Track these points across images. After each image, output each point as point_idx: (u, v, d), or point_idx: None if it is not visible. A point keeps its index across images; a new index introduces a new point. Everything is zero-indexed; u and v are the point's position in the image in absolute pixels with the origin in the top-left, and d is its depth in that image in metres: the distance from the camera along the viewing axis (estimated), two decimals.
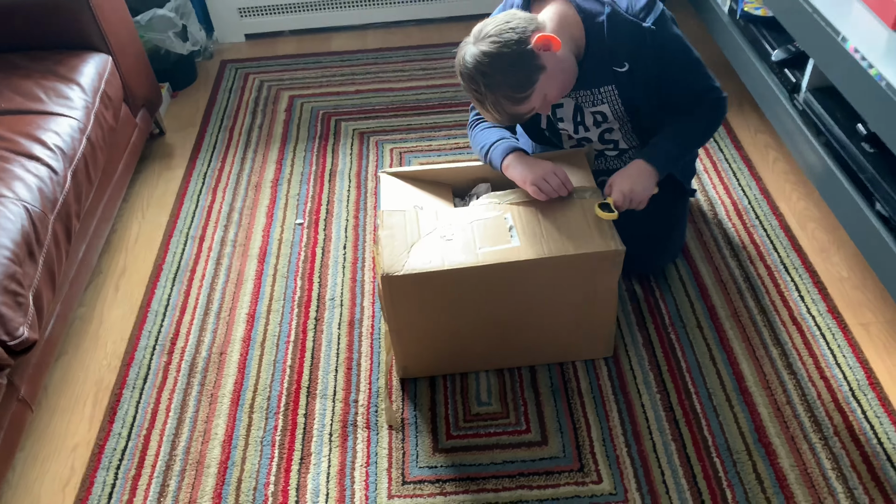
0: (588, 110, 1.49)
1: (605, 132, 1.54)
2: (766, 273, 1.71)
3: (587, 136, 1.56)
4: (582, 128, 1.54)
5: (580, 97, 1.48)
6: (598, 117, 1.50)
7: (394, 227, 1.40)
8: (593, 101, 1.47)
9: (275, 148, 2.20)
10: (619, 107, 1.48)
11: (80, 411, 1.55)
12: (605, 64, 1.41)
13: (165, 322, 1.71)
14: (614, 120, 1.51)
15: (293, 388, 1.55)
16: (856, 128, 1.53)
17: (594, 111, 1.49)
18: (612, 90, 1.45)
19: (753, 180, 1.96)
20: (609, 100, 1.47)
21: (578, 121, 1.52)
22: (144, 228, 1.97)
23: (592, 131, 1.54)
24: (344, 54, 2.62)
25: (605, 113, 1.49)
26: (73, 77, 1.77)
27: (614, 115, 1.49)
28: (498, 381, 1.53)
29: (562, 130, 1.58)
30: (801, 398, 1.45)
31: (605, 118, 1.50)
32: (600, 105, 1.48)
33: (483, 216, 1.41)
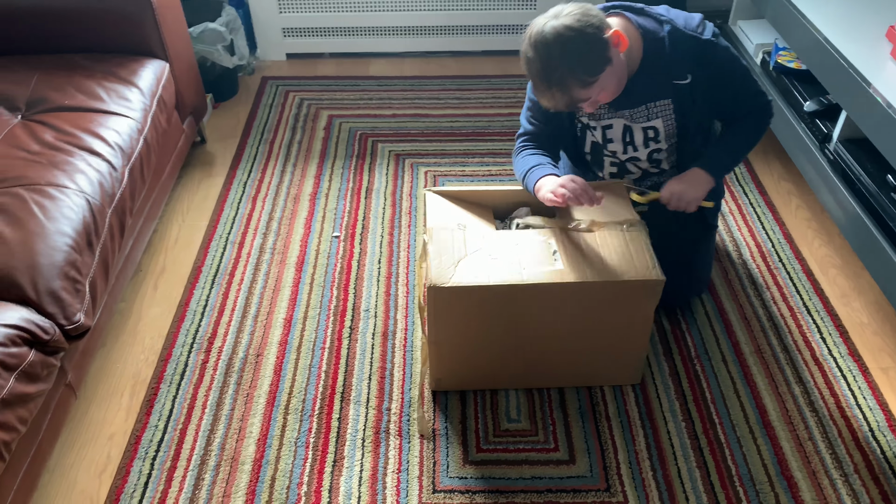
0: (640, 126, 1.54)
1: (654, 152, 1.59)
2: (789, 314, 1.76)
3: (635, 155, 1.60)
4: (631, 147, 1.58)
5: (633, 115, 1.52)
6: (650, 133, 1.55)
7: (442, 243, 1.46)
8: (647, 115, 1.52)
9: (313, 163, 2.27)
10: (672, 122, 1.53)
11: (117, 402, 1.58)
12: (665, 78, 1.47)
13: (203, 322, 1.75)
14: (664, 138, 1.56)
15: (328, 392, 1.58)
16: (886, 178, 1.60)
17: (647, 126, 1.54)
18: (667, 105, 1.51)
19: (777, 225, 2.02)
20: (664, 114, 1.52)
21: (628, 141, 1.57)
22: (184, 231, 2.03)
23: (641, 151, 1.59)
24: (381, 79, 2.71)
25: (657, 129, 1.54)
26: (133, 80, 1.84)
27: (665, 132, 1.55)
28: (527, 400, 1.57)
29: (607, 154, 1.63)
30: (823, 435, 1.50)
31: (656, 135, 1.55)
32: (654, 120, 1.53)
33: (528, 239, 1.47)
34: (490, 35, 2.81)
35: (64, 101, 1.74)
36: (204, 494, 1.40)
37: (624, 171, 1.66)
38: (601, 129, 1.58)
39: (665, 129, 1.55)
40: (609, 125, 1.57)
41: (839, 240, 1.97)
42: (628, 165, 1.64)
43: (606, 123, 1.56)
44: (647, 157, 1.61)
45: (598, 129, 1.58)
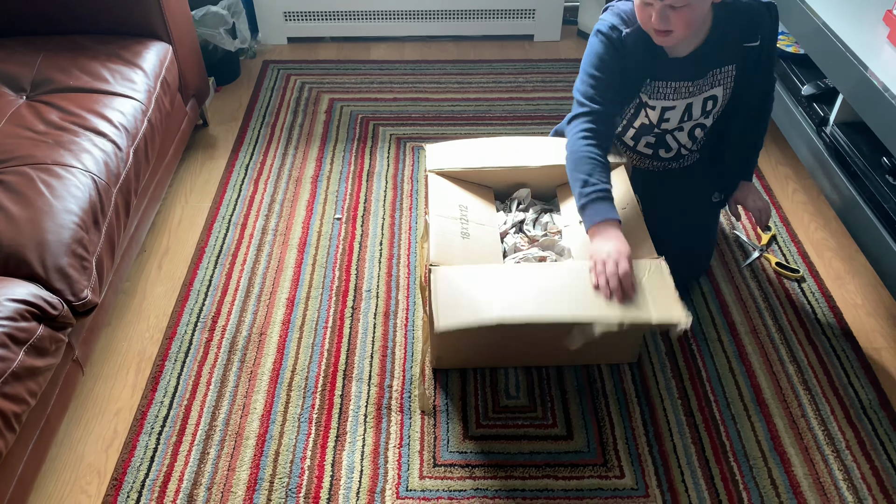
0: (702, 97, 1.53)
1: (697, 128, 1.61)
2: (784, 295, 1.79)
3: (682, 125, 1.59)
4: (687, 115, 1.57)
5: (699, 85, 1.51)
6: (709, 104, 1.55)
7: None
8: (711, 83, 1.52)
9: (315, 146, 2.29)
10: (729, 91, 1.54)
11: (123, 378, 1.61)
12: (734, 41, 1.47)
13: (207, 301, 1.77)
14: (719, 108, 1.57)
15: (330, 370, 1.61)
16: (881, 161, 1.62)
17: (708, 96, 1.53)
18: (730, 71, 1.51)
19: (774, 209, 2.05)
20: (725, 82, 1.52)
21: (686, 119, 1.58)
22: (188, 213, 2.05)
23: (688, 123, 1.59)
24: (382, 63, 2.72)
25: (717, 97, 1.54)
26: (137, 62, 1.85)
27: (722, 101, 1.55)
28: (526, 378, 1.60)
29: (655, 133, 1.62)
30: (816, 412, 1.53)
31: (714, 104, 1.55)
32: (716, 88, 1.52)
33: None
34: (490, 20, 2.82)
35: (69, 81, 1.75)
36: (209, 468, 1.43)
37: (662, 144, 1.65)
38: (660, 110, 1.55)
39: (722, 100, 1.55)
40: (671, 106, 1.54)
41: (835, 223, 1.99)
42: (667, 139, 1.63)
43: (669, 105, 1.54)
44: (688, 132, 1.61)
45: (656, 109, 1.55)
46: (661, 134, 1.63)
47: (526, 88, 2.58)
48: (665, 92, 1.52)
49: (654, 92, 1.53)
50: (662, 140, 1.64)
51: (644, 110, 1.58)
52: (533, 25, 2.85)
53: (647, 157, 1.70)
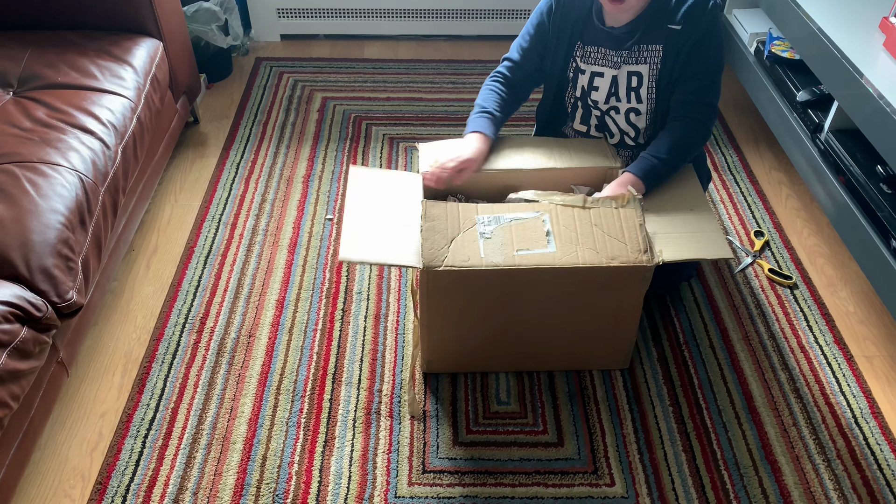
0: (626, 70, 1.54)
1: (632, 112, 1.59)
2: (777, 302, 1.78)
3: (616, 105, 1.60)
4: (614, 98, 1.59)
5: (627, 56, 1.53)
6: (634, 81, 1.55)
7: (435, 219, 1.46)
8: (637, 58, 1.53)
9: (307, 145, 2.27)
10: (655, 73, 1.53)
11: (109, 380, 1.59)
12: (662, 20, 1.48)
13: (196, 302, 1.75)
14: (645, 91, 1.56)
15: (319, 373, 1.59)
16: (875, 169, 1.62)
17: (633, 71, 1.54)
18: (658, 50, 1.51)
19: (767, 214, 2.04)
20: (651, 60, 1.52)
21: (612, 91, 1.58)
22: (177, 212, 2.02)
23: (622, 103, 1.59)
24: (376, 62, 2.70)
25: (641, 75, 1.54)
26: (127, 58, 1.83)
27: (647, 85, 1.55)
28: (517, 383, 1.59)
29: (590, 104, 1.63)
30: (807, 421, 1.52)
31: (639, 83, 1.55)
32: (641, 64, 1.53)
33: (522, 216, 1.47)
34: (485, 19, 2.81)
35: (57, 78, 1.73)
36: (195, 472, 1.41)
37: (604, 128, 1.66)
38: (590, 75, 1.59)
39: (648, 80, 1.55)
40: (600, 73, 1.58)
41: (828, 230, 1.99)
42: (608, 121, 1.64)
43: (598, 71, 1.58)
44: (625, 115, 1.61)
45: (587, 74, 1.59)
46: (601, 115, 1.65)
47: None
48: (594, 57, 1.58)
49: (585, 56, 1.59)
50: (604, 122, 1.66)
51: (580, 75, 1.62)
52: None
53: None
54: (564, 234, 1.44)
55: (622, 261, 1.40)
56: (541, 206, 1.49)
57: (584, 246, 1.42)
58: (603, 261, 1.40)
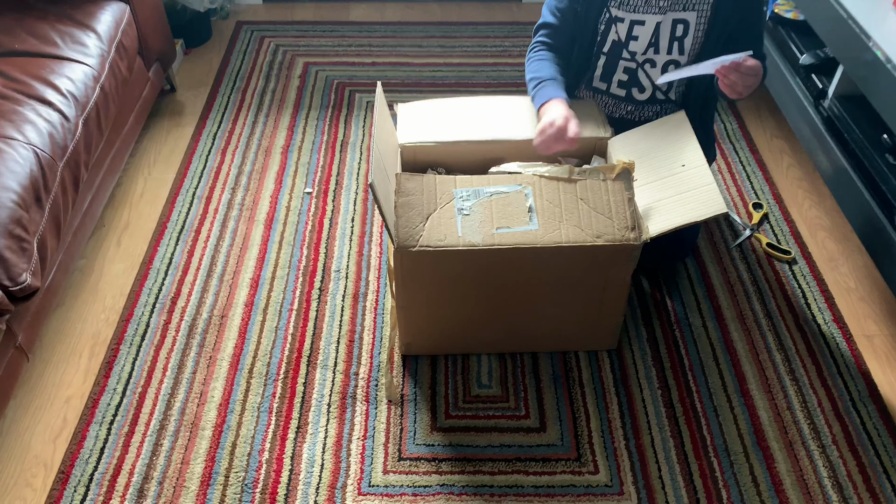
0: (672, 17, 1.44)
1: (670, 65, 1.50)
2: (774, 278, 1.70)
3: (654, 58, 1.50)
4: (653, 49, 1.48)
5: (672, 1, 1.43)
6: (679, 29, 1.45)
7: (411, 194, 1.37)
8: (685, 4, 1.42)
9: (287, 114, 2.17)
10: (704, 23, 1.43)
11: (75, 363, 1.53)
12: None
13: (167, 281, 1.68)
14: (689, 43, 1.46)
15: (294, 356, 1.53)
16: (881, 138, 1.52)
17: (679, 18, 1.44)
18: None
19: (767, 185, 1.95)
20: (700, 8, 1.42)
21: (653, 41, 1.48)
22: (150, 185, 1.94)
23: (661, 55, 1.49)
24: (362, 25, 2.59)
25: (688, 23, 1.44)
26: (90, 23, 1.73)
27: (693, 34, 1.45)
28: (499, 365, 1.52)
29: (625, 58, 1.52)
30: (802, 405, 1.45)
31: (685, 31, 1.45)
32: (689, 11, 1.43)
33: (503, 189, 1.38)
34: None
35: (14, 45, 1.63)
36: (162, 461, 1.36)
37: (635, 82, 1.55)
38: (629, 24, 1.48)
39: (694, 28, 1.45)
40: (641, 21, 1.46)
41: (830, 201, 1.90)
42: (640, 76, 1.53)
43: (638, 18, 1.46)
44: (662, 69, 1.51)
45: (625, 23, 1.48)
46: (633, 70, 1.54)
47: (512, 53, 2.45)
48: (634, 3, 1.45)
49: (623, 2, 1.46)
50: (635, 77, 1.54)
51: (614, 26, 1.50)
52: None
53: (620, 100, 1.59)
54: (548, 210, 1.36)
55: (608, 238, 1.32)
56: (523, 178, 1.41)
57: (569, 222, 1.34)
58: (587, 239, 1.32)
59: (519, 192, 1.38)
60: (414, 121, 1.60)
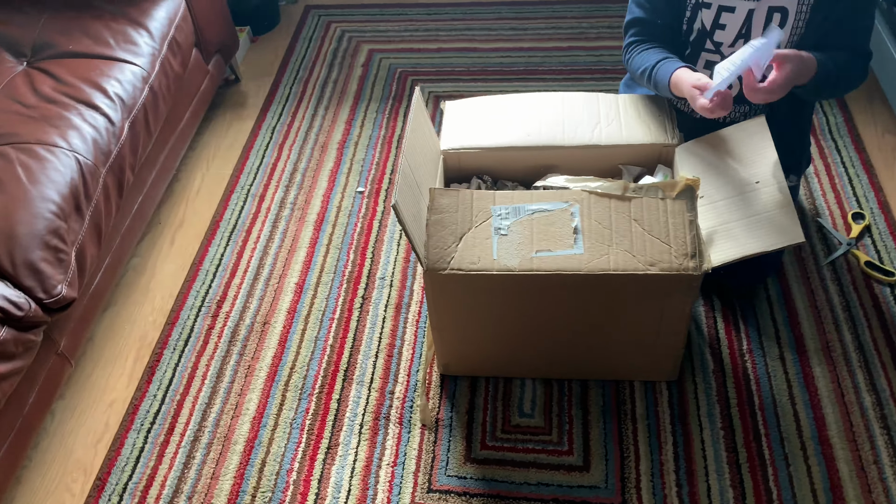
0: (768, 3, 1.27)
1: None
2: (871, 304, 1.48)
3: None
4: (742, 41, 1.31)
5: None
6: (776, 18, 1.28)
7: (444, 211, 1.27)
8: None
9: (346, 107, 2.10)
10: (805, 11, 1.26)
11: (121, 365, 1.54)
12: None
13: (215, 283, 1.67)
14: (788, 34, 1.29)
15: (331, 369, 1.48)
16: None
17: (776, 6, 1.27)
18: None
19: (872, 191, 1.70)
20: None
21: (743, 32, 1.31)
22: (207, 181, 1.93)
23: None
24: (431, 7, 2.47)
25: (787, 11, 1.27)
26: (143, 21, 1.71)
27: (792, 24, 1.28)
28: (544, 392, 1.41)
29: (708, 49, 1.37)
30: (892, 458, 1.26)
31: (783, 22, 1.28)
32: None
33: (547, 207, 1.26)
34: None
35: (69, 45, 1.64)
36: (192, 474, 1.35)
37: None
38: (717, 10, 1.32)
39: (793, 17, 1.27)
40: (731, 7, 1.30)
41: None
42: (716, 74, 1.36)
43: (728, 4, 1.30)
44: None
45: (712, 9, 1.32)
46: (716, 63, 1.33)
47: (589, 36, 2.27)
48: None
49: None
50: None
51: (699, 12, 1.34)
52: None
53: None
54: (596, 231, 1.22)
55: (662, 267, 1.17)
56: (571, 194, 1.27)
57: (619, 246, 1.20)
58: (639, 267, 1.18)
59: (564, 210, 1.25)
60: (460, 122, 1.49)
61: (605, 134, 1.41)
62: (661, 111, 1.43)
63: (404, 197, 1.18)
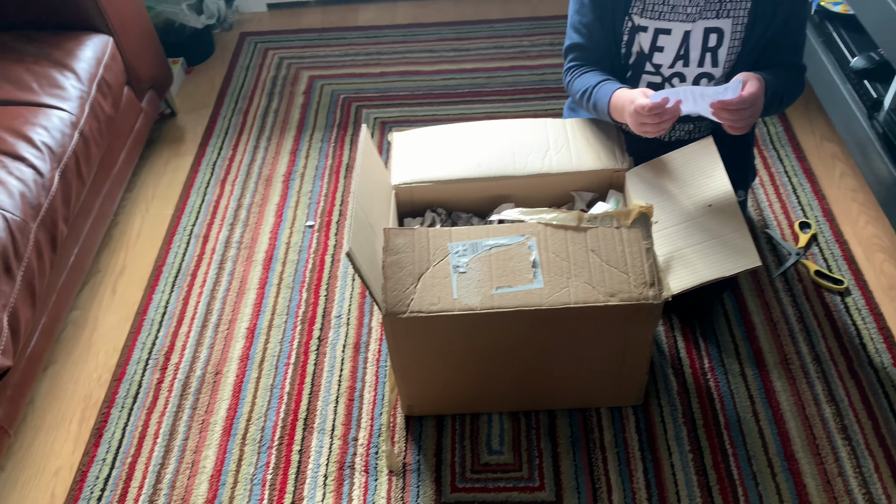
0: (704, 25, 1.28)
1: (703, 79, 1.33)
2: (824, 313, 1.51)
3: (683, 72, 1.34)
4: (682, 62, 1.32)
5: (705, 6, 1.27)
6: (712, 39, 1.29)
7: (400, 252, 1.24)
8: (718, 11, 1.27)
9: (289, 137, 2.05)
10: (740, 32, 1.27)
11: (65, 429, 1.46)
12: None
13: (161, 333, 1.59)
14: (724, 55, 1.30)
15: (290, 418, 1.43)
16: None
17: (712, 27, 1.28)
18: (745, 5, 1.26)
19: (816, 199, 1.74)
20: (736, 14, 1.26)
21: (682, 53, 1.32)
22: (147, 224, 1.85)
23: (692, 68, 1.33)
24: (370, 29, 2.43)
25: (722, 32, 1.28)
26: (69, 63, 1.63)
27: (728, 45, 1.29)
28: (512, 426, 1.38)
29: (648, 71, 1.36)
30: (856, 470, 1.28)
31: (719, 42, 1.29)
32: (723, 19, 1.27)
33: (504, 242, 1.23)
34: None
35: None
36: None
37: None
38: (653, 33, 1.32)
39: (730, 37, 1.28)
40: (667, 29, 1.31)
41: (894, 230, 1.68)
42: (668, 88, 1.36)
43: (664, 27, 1.30)
44: (692, 82, 1.34)
45: (649, 32, 1.32)
46: (658, 85, 1.37)
47: (531, 54, 2.27)
48: (659, 10, 1.30)
49: (646, 9, 1.30)
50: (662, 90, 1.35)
51: (636, 36, 1.34)
52: None
53: None
54: (554, 264, 1.20)
55: (623, 297, 1.16)
56: (527, 227, 1.25)
57: (578, 279, 1.18)
58: (599, 298, 1.16)
59: (521, 243, 1.23)
60: (410, 154, 1.46)
61: (555, 161, 1.40)
62: (610, 135, 1.42)
63: (358, 242, 1.14)
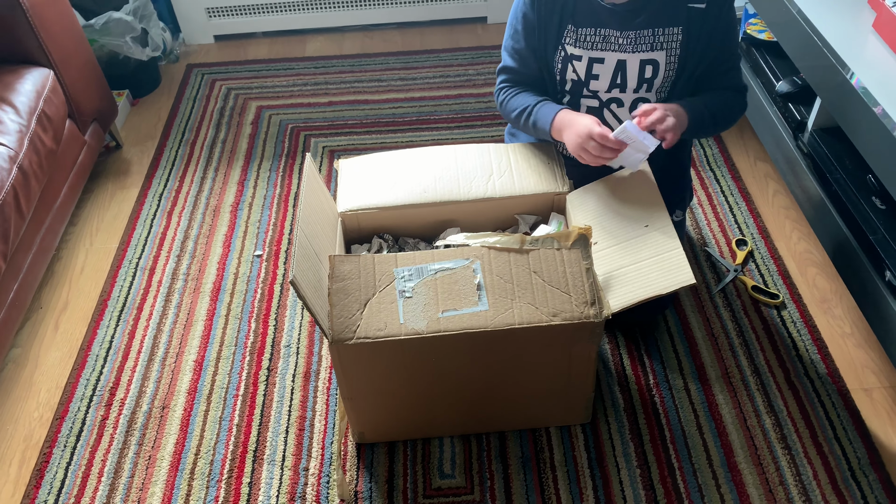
0: (639, 57, 1.32)
1: (639, 102, 1.37)
2: (762, 327, 1.56)
3: (620, 97, 1.38)
4: (619, 89, 1.36)
5: (638, 39, 1.31)
6: (648, 70, 1.33)
7: (346, 279, 1.25)
8: (652, 44, 1.31)
9: (237, 167, 2.04)
10: (674, 60, 1.32)
11: (4, 472, 1.41)
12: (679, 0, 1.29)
13: (106, 369, 1.56)
14: (659, 81, 1.35)
15: (239, 450, 1.41)
16: (866, 179, 1.38)
17: (647, 59, 1.32)
18: (676, 34, 1.30)
19: (751, 217, 1.81)
20: (669, 46, 1.31)
21: (619, 81, 1.36)
22: (91, 258, 1.82)
23: (627, 95, 1.37)
24: (318, 60, 2.46)
25: (658, 63, 1.32)
26: (7, 96, 1.61)
27: (664, 72, 1.33)
28: (463, 449, 1.39)
29: (587, 95, 1.39)
30: (796, 478, 1.32)
31: (654, 72, 1.33)
32: (658, 51, 1.31)
33: (449, 266, 1.25)
34: (439, 2, 2.54)
35: None
36: None
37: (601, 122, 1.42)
38: (587, 62, 1.36)
39: (665, 68, 1.33)
40: (600, 59, 1.34)
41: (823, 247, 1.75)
42: (606, 115, 1.40)
43: (597, 56, 1.34)
44: (630, 108, 1.38)
45: (583, 61, 1.36)
46: (597, 109, 1.41)
47: (476, 82, 2.32)
48: (592, 40, 1.34)
49: (579, 39, 1.35)
50: (600, 118, 1.39)
51: (570, 64, 1.37)
52: (485, 7, 2.56)
53: None
54: (499, 286, 1.23)
55: (565, 317, 1.19)
56: (471, 250, 1.27)
57: (522, 300, 1.21)
58: (543, 318, 1.19)
59: (466, 267, 1.25)
60: (356, 181, 1.47)
61: (498, 185, 1.43)
62: (550, 159, 1.46)
63: (302, 269, 1.15)
